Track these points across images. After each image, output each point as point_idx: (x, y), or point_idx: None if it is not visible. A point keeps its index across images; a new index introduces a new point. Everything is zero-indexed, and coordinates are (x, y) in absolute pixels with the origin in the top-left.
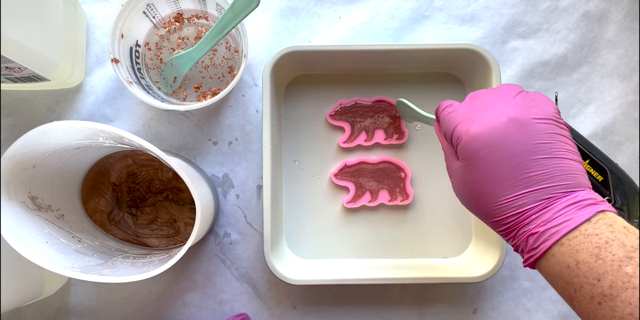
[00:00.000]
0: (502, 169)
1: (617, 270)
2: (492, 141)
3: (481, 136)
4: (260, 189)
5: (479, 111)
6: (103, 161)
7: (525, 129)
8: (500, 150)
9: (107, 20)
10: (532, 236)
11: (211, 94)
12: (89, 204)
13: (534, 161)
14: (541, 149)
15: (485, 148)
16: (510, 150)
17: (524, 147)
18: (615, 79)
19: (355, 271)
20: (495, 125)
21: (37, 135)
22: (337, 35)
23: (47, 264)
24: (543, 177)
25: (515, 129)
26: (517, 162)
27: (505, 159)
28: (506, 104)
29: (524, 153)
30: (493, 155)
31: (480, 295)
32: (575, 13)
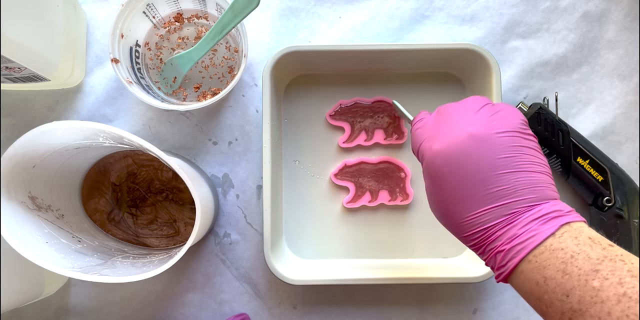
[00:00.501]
0: (464, 186)
1: (584, 284)
2: (453, 158)
3: (442, 154)
4: (260, 189)
5: (442, 127)
6: (103, 161)
7: (486, 144)
8: (462, 167)
9: (107, 20)
10: (499, 254)
11: (211, 94)
12: (89, 204)
13: (497, 176)
14: (504, 163)
15: (447, 165)
16: (471, 167)
17: (485, 163)
18: (615, 79)
19: (355, 271)
20: (456, 141)
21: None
22: (337, 35)
23: (47, 264)
24: (506, 192)
25: (476, 144)
26: (480, 178)
27: (467, 175)
28: (468, 119)
29: (486, 169)
30: (455, 173)
31: (480, 295)
32: (575, 13)
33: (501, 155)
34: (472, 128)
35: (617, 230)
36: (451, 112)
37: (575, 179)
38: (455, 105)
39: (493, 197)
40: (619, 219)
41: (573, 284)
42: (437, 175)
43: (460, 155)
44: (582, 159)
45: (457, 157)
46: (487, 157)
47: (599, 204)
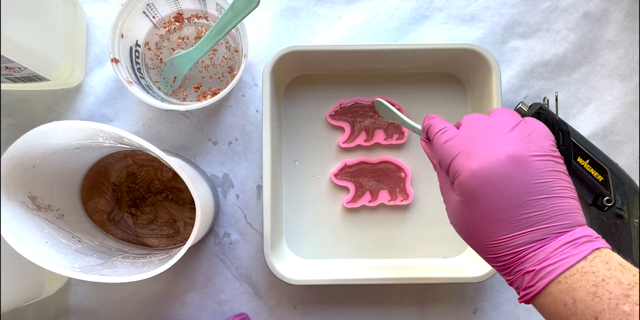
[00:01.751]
0: (500, 209)
1: (614, 308)
2: (492, 180)
3: (481, 173)
4: (260, 189)
5: (476, 144)
6: (103, 161)
7: (524, 167)
8: (500, 189)
9: (107, 20)
10: (529, 274)
11: (211, 93)
12: (89, 204)
13: (534, 201)
14: (541, 188)
15: (484, 186)
16: (510, 190)
17: (523, 187)
18: (615, 79)
19: (355, 271)
20: (495, 162)
21: (37, 135)
22: (337, 35)
23: (47, 264)
24: (542, 217)
25: (514, 167)
26: (517, 202)
27: (505, 198)
28: (504, 138)
29: (524, 193)
30: (492, 194)
31: (480, 295)
32: (575, 13)
33: (538, 180)
34: (510, 149)
35: (617, 230)
36: (483, 128)
37: (575, 179)
38: (486, 120)
39: (528, 222)
40: (619, 219)
41: (603, 307)
42: (473, 195)
43: (498, 177)
44: (582, 158)
45: (495, 179)
46: (525, 181)
47: (599, 203)
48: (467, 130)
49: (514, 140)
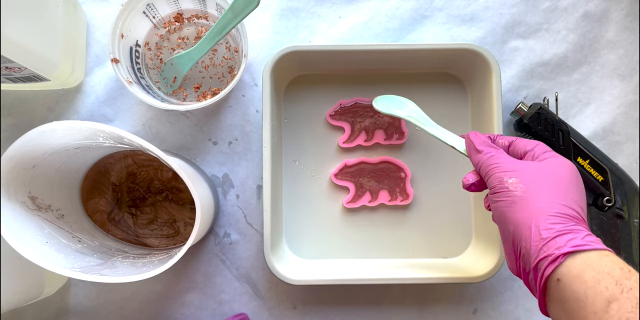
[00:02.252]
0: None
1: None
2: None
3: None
4: (260, 189)
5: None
6: (103, 161)
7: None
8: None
9: (107, 20)
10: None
11: (211, 94)
12: (89, 204)
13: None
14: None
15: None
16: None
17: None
18: (615, 79)
19: (355, 271)
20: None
21: (37, 135)
22: (337, 35)
23: (47, 264)
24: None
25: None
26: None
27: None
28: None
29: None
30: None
31: (480, 296)
32: (575, 13)
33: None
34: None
35: (617, 230)
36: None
37: None
38: (544, 173)
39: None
40: (619, 219)
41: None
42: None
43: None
44: (582, 159)
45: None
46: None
47: (599, 204)
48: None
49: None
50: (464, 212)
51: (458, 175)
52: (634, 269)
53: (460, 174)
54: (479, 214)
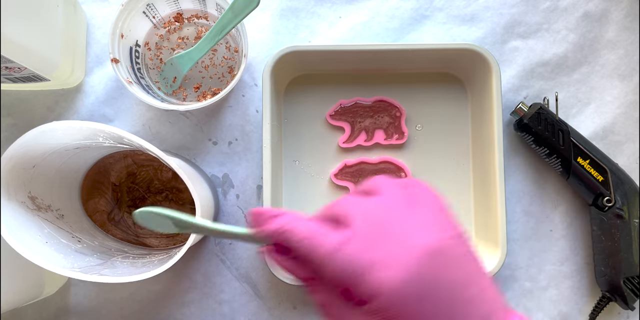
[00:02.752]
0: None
1: None
2: (421, 287)
3: (409, 283)
4: (260, 189)
5: (384, 245)
6: (103, 161)
7: (449, 261)
8: (428, 299)
9: (107, 20)
10: None
11: (211, 94)
12: (88, 204)
13: (469, 302)
14: (468, 279)
15: (415, 302)
16: (442, 292)
17: (453, 287)
18: (615, 79)
19: None
20: (416, 262)
21: (36, 135)
22: (337, 35)
23: (46, 264)
24: (484, 312)
25: (441, 263)
26: (453, 306)
27: (440, 306)
28: (417, 228)
29: (456, 297)
30: (428, 306)
31: None
32: (575, 13)
33: (464, 273)
34: (427, 239)
35: (618, 231)
36: (380, 217)
37: (575, 179)
38: (375, 204)
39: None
40: (619, 219)
41: None
42: (404, 314)
43: (422, 283)
44: (583, 159)
45: (424, 285)
46: (454, 280)
47: (599, 204)
48: (363, 226)
49: (420, 227)
50: (464, 212)
51: (458, 175)
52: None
53: (461, 174)
54: (479, 214)
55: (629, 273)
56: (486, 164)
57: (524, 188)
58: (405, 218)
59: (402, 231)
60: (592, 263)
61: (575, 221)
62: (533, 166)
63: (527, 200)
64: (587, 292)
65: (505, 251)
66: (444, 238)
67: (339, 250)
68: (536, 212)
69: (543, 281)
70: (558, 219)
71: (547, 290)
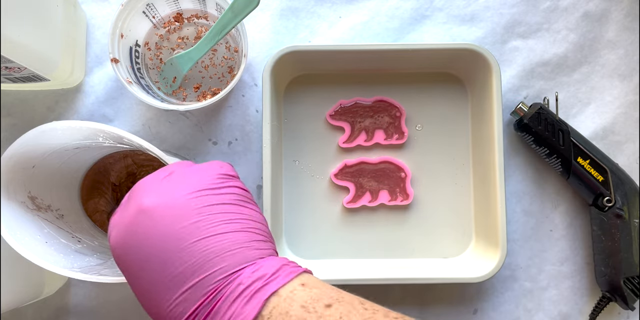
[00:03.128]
0: (150, 274)
1: None
2: (127, 245)
3: (116, 243)
4: (260, 189)
5: (121, 207)
6: (103, 161)
7: (163, 216)
8: (140, 253)
9: (107, 20)
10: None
11: (211, 94)
12: (88, 204)
13: (181, 251)
14: (187, 232)
15: (125, 255)
16: (149, 249)
17: (165, 239)
18: (615, 79)
19: (355, 271)
20: (125, 223)
21: (36, 135)
22: (337, 35)
23: (46, 264)
24: (195, 267)
25: (150, 219)
26: (162, 260)
27: (148, 261)
28: (143, 192)
29: (169, 246)
30: (135, 262)
31: (480, 296)
32: (575, 13)
33: (183, 224)
34: (145, 200)
35: (618, 231)
36: (137, 187)
37: (575, 179)
38: (149, 177)
39: (182, 278)
40: (620, 219)
41: None
42: (122, 269)
43: (132, 239)
44: (583, 159)
45: (130, 243)
46: (166, 232)
47: (600, 204)
48: (124, 199)
49: (152, 191)
50: (464, 212)
51: (458, 175)
52: None
53: (461, 174)
54: (479, 214)
55: (629, 273)
56: (486, 164)
57: (524, 188)
58: (142, 187)
59: (134, 197)
60: (592, 263)
61: (576, 221)
62: (533, 166)
63: (527, 200)
64: (587, 292)
65: (505, 251)
66: (168, 199)
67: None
68: (536, 212)
69: (543, 281)
70: (558, 219)
71: (547, 290)
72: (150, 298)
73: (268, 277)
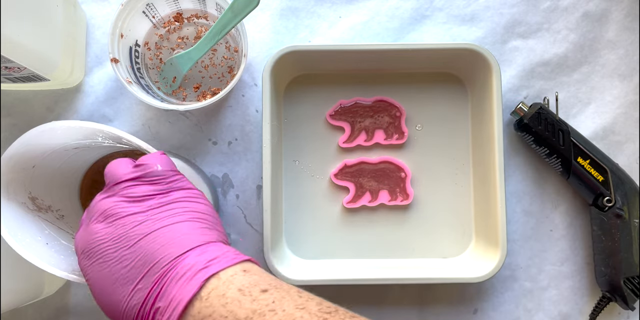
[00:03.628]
0: (106, 275)
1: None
2: (86, 250)
3: (78, 252)
4: (260, 189)
5: (82, 225)
6: (102, 161)
7: (114, 227)
8: (96, 256)
9: (107, 20)
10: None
11: (211, 93)
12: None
13: (129, 248)
14: (135, 232)
15: (85, 263)
16: (102, 252)
17: (116, 243)
18: (615, 79)
19: (355, 271)
20: (85, 236)
21: (36, 135)
22: (337, 35)
23: (47, 266)
24: (145, 260)
25: (102, 233)
26: (116, 260)
27: (104, 262)
28: (96, 213)
29: (120, 247)
30: (94, 265)
31: (480, 296)
32: (575, 13)
33: (132, 226)
34: (97, 218)
35: (618, 231)
36: (93, 206)
37: (575, 179)
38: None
39: (135, 272)
40: (620, 219)
41: None
42: (85, 276)
43: (88, 243)
44: (583, 159)
45: (87, 247)
46: (118, 235)
47: (600, 204)
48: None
49: (101, 209)
50: (464, 212)
51: (458, 175)
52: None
53: (461, 174)
54: (479, 214)
55: (629, 273)
56: (486, 164)
57: (524, 188)
58: (97, 208)
59: (88, 216)
60: (592, 263)
61: (576, 221)
62: (533, 166)
63: (527, 200)
64: (587, 292)
65: (505, 251)
66: (106, 205)
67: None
68: (536, 212)
69: (543, 281)
70: (558, 219)
71: (547, 290)
72: (109, 297)
73: (210, 260)
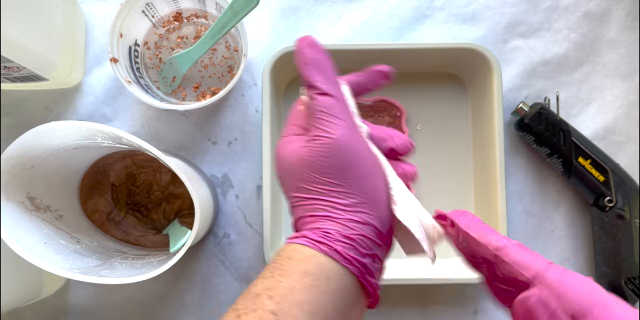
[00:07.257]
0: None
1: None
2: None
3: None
4: (259, 189)
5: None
6: (102, 161)
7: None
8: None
9: (106, 20)
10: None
11: (210, 93)
12: (87, 205)
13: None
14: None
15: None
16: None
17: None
18: (616, 79)
19: None
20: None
21: (35, 135)
22: (338, 34)
23: (45, 265)
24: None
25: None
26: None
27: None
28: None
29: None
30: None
31: (481, 296)
32: (576, 12)
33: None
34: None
35: (619, 231)
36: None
37: (576, 179)
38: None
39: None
40: (621, 219)
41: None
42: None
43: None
44: (584, 159)
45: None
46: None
47: (601, 204)
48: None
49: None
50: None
51: (459, 175)
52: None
53: (461, 174)
54: (480, 214)
55: (630, 273)
56: (487, 164)
57: (525, 188)
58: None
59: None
60: (593, 263)
61: (577, 221)
62: (534, 166)
63: (528, 200)
64: None
65: None
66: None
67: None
68: (537, 212)
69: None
70: (559, 219)
71: None
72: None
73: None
